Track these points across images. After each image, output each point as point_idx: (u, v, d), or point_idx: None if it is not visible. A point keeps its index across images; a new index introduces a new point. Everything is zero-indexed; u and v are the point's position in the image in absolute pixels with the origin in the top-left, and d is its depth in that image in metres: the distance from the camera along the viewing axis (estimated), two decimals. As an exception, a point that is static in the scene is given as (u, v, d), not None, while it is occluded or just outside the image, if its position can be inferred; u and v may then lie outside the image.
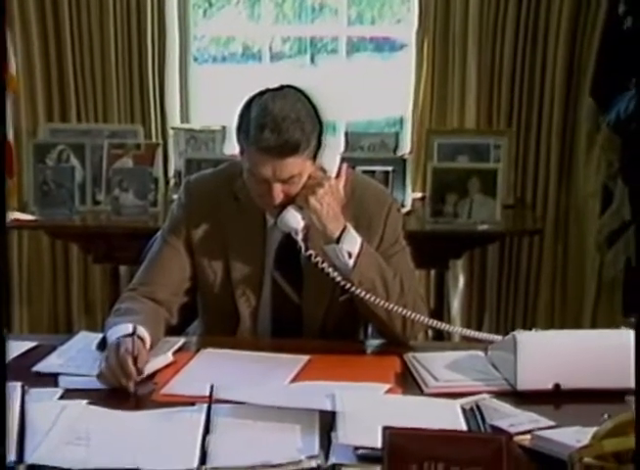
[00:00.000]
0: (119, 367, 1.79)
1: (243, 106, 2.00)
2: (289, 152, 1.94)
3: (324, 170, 2.04)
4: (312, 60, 4.58)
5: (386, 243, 2.14)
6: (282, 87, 2.00)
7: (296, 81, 2.05)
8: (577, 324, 3.85)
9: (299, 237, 2.06)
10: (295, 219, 2.03)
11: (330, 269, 2.03)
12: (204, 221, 2.14)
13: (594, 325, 3.81)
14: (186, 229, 2.15)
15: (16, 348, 1.99)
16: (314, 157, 2.01)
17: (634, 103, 3.43)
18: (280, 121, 1.92)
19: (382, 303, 2.02)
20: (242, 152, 2.03)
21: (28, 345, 2.06)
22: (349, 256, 2.02)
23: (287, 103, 1.95)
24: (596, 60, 3.69)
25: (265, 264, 2.14)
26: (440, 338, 3.10)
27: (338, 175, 2.06)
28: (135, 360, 1.80)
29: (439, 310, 3.72)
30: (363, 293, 2.02)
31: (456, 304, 4.05)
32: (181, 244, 2.15)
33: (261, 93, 1.99)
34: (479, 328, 3.90)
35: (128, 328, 1.87)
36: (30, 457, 1.50)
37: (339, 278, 2.03)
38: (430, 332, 3.17)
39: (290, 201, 2.02)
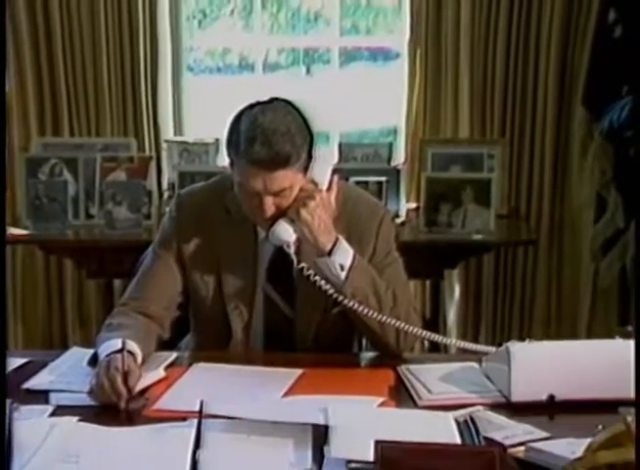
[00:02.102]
0: (109, 386, 1.78)
1: (233, 119, 1.99)
2: (279, 165, 1.93)
3: (315, 183, 2.03)
4: (308, 70, 4.58)
5: (378, 255, 2.13)
6: (271, 100, 2.00)
7: (291, 92, 2.05)
8: (573, 333, 3.85)
9: (291, 250, 2.05)
10: (286, 232, 2.02)
11: (322, 282, 2.02)
12: (195, 235, 2.13)
13: (590, 334, 3.81)
14: (177, 243, 2.14)
15: (7, 364, 1.97)
16: (305, 169, 2.00)
17: (627, 111, 3.43)
18: (270, 134, 1.91)
19: (374, 315, 2.02)
20: (232, 165, 2.02)
21: (20, 361, 2.05)
22: (342, 268, 2.02)
23: (276, 116, 1.95)
24: (588, 68, 3.70)
25: (257, 278, 2.13)
26: (437, 349, 3.09)
27: (329, 188, 2.06)
28: (125, 378, 1.79)
29: (435, 321, 3.72)
30: (356, 305, 2.01)
31: (452, 314, 4.04)
32: (172, 258, 2.14)
33: (251, 106, 1.99)
34: (475, 338, 3.90)
35: (118, 344, 1.86)
36: (19, 476, 1.49)
37: (331, 291, 2.02)
38: (426, 343, 3.17)
39: (281, 214, 2.01)
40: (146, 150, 3.92)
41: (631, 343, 1.81)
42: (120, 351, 1.84)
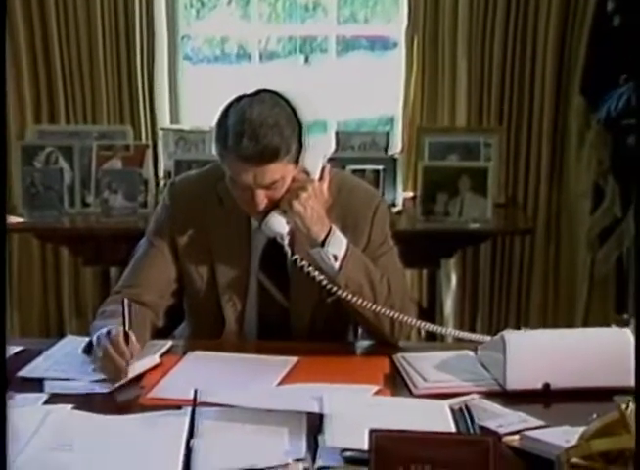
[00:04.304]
0: (112, 347, 1.80)
1: (220, 113, 1.97)
2: (268, 158, 1.91)
3: (307, 173, 2.02)
4: (306, 59, 4.57)
5: (373, 243, 2.12)
6: (258, 92, 1.97)
7: (288, 81, 2.03)
8: (570, 322, 3.84)
9: (285, 241, 2.04)
10: (279, 224, 2.01)
11: (316, 273, 2.01)
12: (188, 224, 2.12)
13: (586, 323, 3.81)
14: (170, 232, 2.13)
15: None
16: (296, 160, 1.97)
17: (625, 100, 3.43)
18: (257, 128, 1.89)
19: (369, 305, 2.01)
20: (222, 158, 1.99)
21: (15, 349, 2.04)
22: (335, 259, 2.00)
23: (264, 108, 1.92)
24: (585, 57, 3.69)
25: (251, 267, 2.12)
26: (434, 337, 3.09)
27: (321, 177, 2.04)
28: (126, 338, 1.82)
29: (432, 310, 3.71)
30: (350, 295, 2.00)
31: (449, 303, 4.04)
32: (166, 246, 2.13)
33: (238, 99, 1.96)
34: (472, 327, 3.90)
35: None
36: (13, 464, 1.48)
37: (325, 281, 2.01)
38: (422, 332, 3.17)
39: (274, 205, 2.00)
40: (142, 138, 3.91)
41: (627, 331, 1.82)
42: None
